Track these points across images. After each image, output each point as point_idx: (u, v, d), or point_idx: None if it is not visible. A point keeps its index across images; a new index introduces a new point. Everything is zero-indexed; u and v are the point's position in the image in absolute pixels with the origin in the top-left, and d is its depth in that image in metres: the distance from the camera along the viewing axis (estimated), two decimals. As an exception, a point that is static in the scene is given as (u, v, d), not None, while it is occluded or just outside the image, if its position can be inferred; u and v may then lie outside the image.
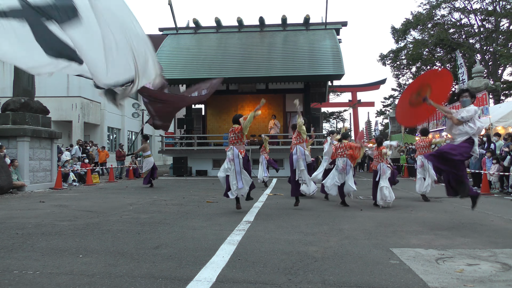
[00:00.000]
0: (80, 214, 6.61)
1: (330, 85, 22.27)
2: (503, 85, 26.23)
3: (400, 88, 41.08)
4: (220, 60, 18.67)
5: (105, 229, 5.22)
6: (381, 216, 6.45)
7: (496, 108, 16.58)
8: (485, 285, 3.02)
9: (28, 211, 7.01)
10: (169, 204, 8.02)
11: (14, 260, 3.69)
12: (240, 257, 3.83)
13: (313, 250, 4.10)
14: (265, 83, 19.28)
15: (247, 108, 20.98)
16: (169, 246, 4.28)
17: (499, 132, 12.03)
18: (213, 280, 3.11)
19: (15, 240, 4.58)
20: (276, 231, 5.12)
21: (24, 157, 11.03)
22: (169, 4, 19.48)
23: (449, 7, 30.10)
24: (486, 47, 29.47)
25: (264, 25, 20.87)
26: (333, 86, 25.95)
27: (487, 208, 7.31)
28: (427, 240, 4.57)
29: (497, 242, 4.48)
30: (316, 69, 17.72)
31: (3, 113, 11.40)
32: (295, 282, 3.08)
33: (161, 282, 3.05)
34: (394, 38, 34.96)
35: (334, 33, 19.84)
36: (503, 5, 27.52)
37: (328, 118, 48.48)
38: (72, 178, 13.29)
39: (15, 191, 10.35)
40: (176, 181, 15.12)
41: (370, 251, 4.07)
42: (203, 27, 21.32)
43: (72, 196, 9.65)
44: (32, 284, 3.02)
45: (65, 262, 3.64)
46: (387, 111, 40.02)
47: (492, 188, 10.64)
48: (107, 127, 23.54)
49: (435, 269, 3.41)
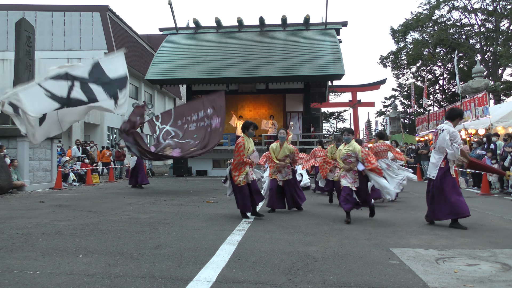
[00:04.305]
0: (80, 214, 6.60)
1: (330, 85, 22.25)
2: (503, 85, 26.21)
3: (400, 88, 41.12)
4: (220, 60, 18.66)
5: (105, 229, 5.22)
6: (381, 216, 6.44)
7: (496, 108, 16.59)
8: (485, 285, 3.02)
9: (28, 211, 7.01)
10: (169, 204, 8.02)
11: (14, 260, 3.69)
12: (240, 257, 3.83)
13: (313, 250, 4.10)
14: (265, 83, 19.27)
15: (247, 108, 20.99)
16: (169, 246, 4.28)
17: (498, 133, 12.02)
18: (213, 280, 3.11)
19: (15, 240, 4.58)
20: (276, 231, 5.12)
21: (24, 157, 11.03)
22: (169, 4, 19.47)
23: (449, 6, 30.10)
24: (486, 47, 29.47)
25: (264, 25, 20.86)
26: (333, 86, 25.92)
27: (487, 208, 7.31)
28: (427, 240, 4.57)
29: (497, 242, 4.48)
30: (316, 69, 17.72)
31: (3, 113, 11.39)
32: (295, 282, 3.08)
33: (161, 282, 3.05)
34: (394, 39, 34.99)
35: (334, 33, 19.83)
36: (503, 5, 27.52)
37: (328, 118, 48.47)
38: (72, 178, 13.29)
39: (15, 191, 10.34)
40: (176, 181, 15.11)
41: (370, 251, 4.07)
42: (203, 27, 21.32)
43: (72, 196, 9.65)
44: (32, 284, 3.02)
45: (65, 262, 3.63)
46: (387, 111, 40.04)
47: (492, 188, 10.63)
48: (107, 127, 23.53)
49: (435, 269, 3.41)
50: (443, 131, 5.46)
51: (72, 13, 22.67)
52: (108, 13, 22.93)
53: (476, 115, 15.70)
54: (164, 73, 18.65)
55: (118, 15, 24.45)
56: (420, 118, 24.97)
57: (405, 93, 39.33)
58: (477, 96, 15.97)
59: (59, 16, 22.57)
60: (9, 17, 22.34)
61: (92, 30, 22.62)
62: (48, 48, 22.31)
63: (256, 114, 20.77)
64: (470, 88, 19.06)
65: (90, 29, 22.63)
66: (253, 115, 20.73)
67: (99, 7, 22.88)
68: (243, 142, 6.08)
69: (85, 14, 22.74)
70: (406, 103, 40.46)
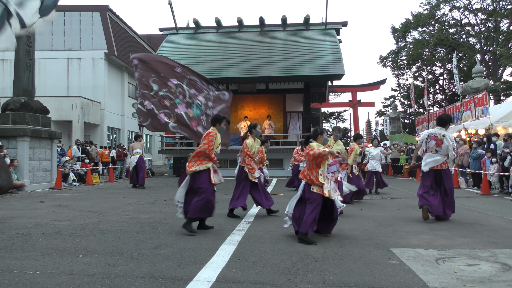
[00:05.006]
0: (80, 214, 6.60)
1: (330, 85, 22.26)
2: (503, 85, 26.22)
3: (400, 88, 41.13)
4: (220, 60, 18.67)
5: (105, 229, 5.22)
6: (381, 216, 6.45)
7: (496, 108, 16.57)
8: (485, 285, 3.02)
9: (28, 211, 7.01)
10: (169, 204, 8.01)
11: (14, 260, 3.69)
12: (240, 257, 3.83)
13: (313, 250, 4.10)
14: (265, 83, 19.27)
15: (247, 108, 20.98)
16: (169, 246, 4.28)
17: (498, 132, 12.01)
18: (213, 280, 3.11)
19: (15, 240, 4.58)
20: (276, 231, 5.12)
21: (24, 157, 11.03)
22: (169, 4, 19.48)
23: (449, 6, 30.11)
24: (486, 47, 29.48)
25: (264, 25, 20.87)
26: (333, 86, 25.94)
27: (487, 208, 7.31)
28: (427, 240, 4.57)
29: (497, 242, 4.48)
30: (316, 69, 17.72)
31: (3, 113, 11.40)
32: (295, 282, 3.08)
33: (161, 282, 3.05)
34: (394, 38, 34.99)
35: (334, 33, 19.84)
36: (503, 5, 27.53)
37: (328, 118, 48.46)
38: (72, 178, 13.29)
39: (15, 191, 10.34)
40: (176, 181, 15.08)
41: (370, 251, 4.07)
42: (203, 27, 21.32)
43: (72, 196, 9.65)
44: (32, 284, 3.02)
45: (65, 262, 3.63)
46: (387, 111, 40.04)
47: (492, 188, 10.63)
48: (107, 127, 23.53)
49: (435, 269, 3.41)
50: (444, 137, 5.97)
51: (72, 13, 22.68)
52: (108, 13, 22.94)
53: (476, 115, 15.69)
54: (164, 73, 18.62)
55: (118, 15, 24.46)
56: (420, 118, 24.97)
57: (405, 93, 39.35)
58: (477, 96, 15.96)
59: (59, 16, 22.55)
60: (9, 17, 22.33)
61: (92, 30, 22.62)
62: (48, 48, 22.31)
63: (256, 114, 20.77)
64: (470, 88, 19.05)
65: (90, 29, 22.64)
66: (253, 115, 20.72)
67: (99, 7, 22.89)
68: (214, 133, 5.27)
69: (85, 14, 22.74)
70: (406, 103, 40.47)
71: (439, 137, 5.99)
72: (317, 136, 4.85)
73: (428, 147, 6.12)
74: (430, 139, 6.13)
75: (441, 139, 5.98)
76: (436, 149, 6.03)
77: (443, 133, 6.02)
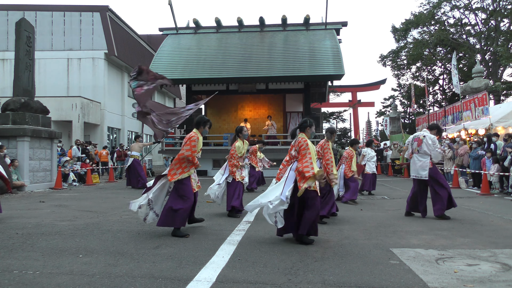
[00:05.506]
0: (80, 214, 6.60)
1: (330, 85, 22.26)
2: (503, 85, 26.20)
3: (400, 88, 41.13)
4: (220, 60, 18.66)
5: (105, 229, 5.22)
6: (381, 216, 6.45)
7: (496, 108, 16.57)
8: (485, 285, 3.02)
9: (28, 211, 7.01)
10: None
11: (14, 260, 3.69)
12: (240, 257, 3.83)
13: (313, 250, 4.10)
14: (265, 83, 19.26)
15: (247, 108, 20.98)
16: (169, 246, 4.28)
17: (498, 133, 12.01)
18: (213, 280, 3.11)
19: (15, 240, 4.58)
20: (276, 231, 5.11)
21: (24, 157, 11.03)
22: (169, 4, 19.47)
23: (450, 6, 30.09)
24: (486, 47, 29.47)
25: (264, 25, 20.86)
26: (333, 86, 25.92)
27: (487, 208, 7.31)
28: (427, 240, 4.57)
29: (497, 242, 4.48)
30: (316, 69, 17.71)
31: (3, 113, 11.41)
32: (295, 282, 3.08)
33: (161, 282, 3.05)
34: (394, 37, 34.95)
35: (334, 33, 19.83)
36: (503, 5, 27.52)
37: (328, 118, 48.45)
38: (72, 178, 13.29)
39: (15, 191, 10.34)
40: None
41: (370, 251, 4.07)
42: (203, 27, 21.31)
43: (72, 196, 9.65)
44: (32, 284, 3.02)
45: (65, 262, 3.63)
46: (387, 111, 40.03)
47: (492, 188, 10.63)
48: (107, 127, 23.52)
49: (435, 269, 3.41)
50: (425, 137, 6.29)
51: (72, 13, 22.67)
52: (108, 13, 22.93)
53: (476, 115, 15.69)
54: (164, 73, 18.50)
55: (118, 15, 24.44)
56: (420, 118, 24.97)
57: (405, 93, 39.34)
58: (477, 96, 15.96)
59: (59, 16, 22.57)
60: (9, 17, 22.33)
61: (92, 30, 22.61)
62: (48, 48, 22.30)
63: (256, 114, 20.78)
64: (470, 88, 19.04)
65: (90, 29, 22.63)
66: (253, 115, 20.74)
67: (99, 7, 22.88)
68: (196, 137, 4.96)
69: (85, 14, 22.73)
70: (406, 103, 40.46)
71: (420, 137, 6.34)
72: (305, 128, 4.75)
73: (413, 148, 6.46)
74: (414, 140, 6.49)
75: (421, 139, 6.31)
76: (417, 149, 6.36)
77: (424, 134, 6.37)
